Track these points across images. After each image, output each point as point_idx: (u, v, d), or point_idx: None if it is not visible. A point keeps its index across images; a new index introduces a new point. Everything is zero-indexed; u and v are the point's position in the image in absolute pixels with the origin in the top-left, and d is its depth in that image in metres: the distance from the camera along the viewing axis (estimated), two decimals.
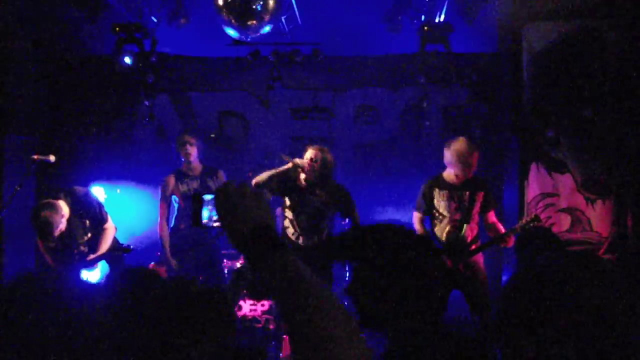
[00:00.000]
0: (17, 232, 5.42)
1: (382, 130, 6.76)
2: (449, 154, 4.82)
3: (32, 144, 5.92)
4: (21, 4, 5.64)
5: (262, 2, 5.43)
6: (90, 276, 4.76)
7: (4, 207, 4.44)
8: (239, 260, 5.92)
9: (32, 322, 1.11)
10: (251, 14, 5.46)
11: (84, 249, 4.75)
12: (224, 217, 1.23)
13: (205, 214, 1.35)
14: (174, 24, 6.37)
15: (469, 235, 4.88)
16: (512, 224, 4.90)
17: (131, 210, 6.13)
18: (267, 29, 5.70)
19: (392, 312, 1.65)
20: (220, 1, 5.53)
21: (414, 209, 5.10)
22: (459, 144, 4.79)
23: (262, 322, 5.36)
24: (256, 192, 1.26)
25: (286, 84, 6.67)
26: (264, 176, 4.66)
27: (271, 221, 1.22)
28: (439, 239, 4.89)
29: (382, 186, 6.52)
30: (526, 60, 5.65)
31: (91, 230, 4.80)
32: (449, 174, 4.93)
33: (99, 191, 5.97)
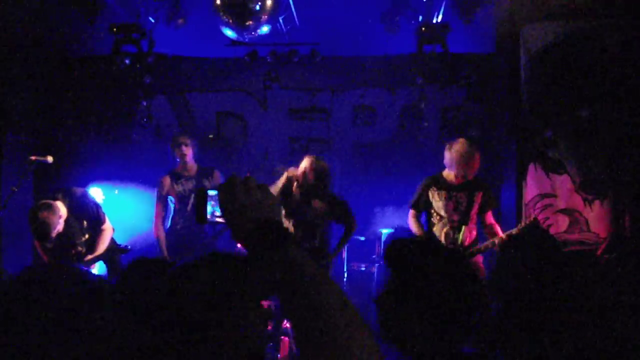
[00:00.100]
0: (15, 233, 5.41)
1: (380, 130, 6.75)
2: (450, 156, 4.81)
3: (29, 145, 5.91)
4: (20, 4, 5.64)
5: (259, 3, 5.43)
6: None
7: (2, 207, 4.43)
8: None
9: (36, 317, 1.10)
10: (249, 14, 5.46)
11: (82, 249, 4.74)
12: (229, 213, 1.19)
13: (209, 210, 1.31)
14: (172, 25, 6.37)
15: (468, 236, 4.87)
16: (510, 225, 4.90)
17: (129, 210, 6.12)
18: (265, 29, 5.70)
19: (416, 333, 1.60)
20: (218, 1, 5.53)
21: (409, 205, 5.11)
22: (460, 146, 4.77)
23: None
24: (261, 186, 1.22)
25: (284, 84, 6.67)
26: None
27: (277, 216, 1.19)
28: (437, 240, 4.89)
29: (380, 186, 6.51)
30: (524, 60, 5.66)
31: (89, 231, 4.79)
32: (449, 174, 4.92)
33: (96, 192, 5.96)
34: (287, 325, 4.52)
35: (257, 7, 5.44)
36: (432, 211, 4.96)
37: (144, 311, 1.23)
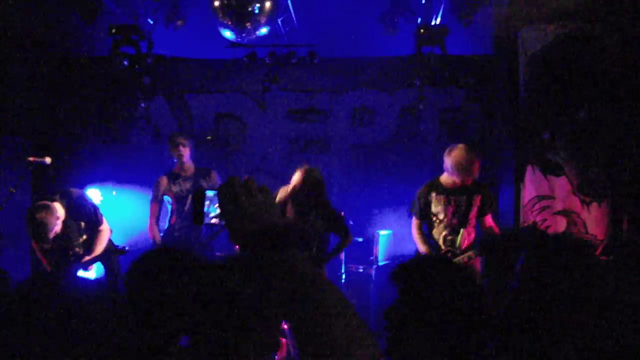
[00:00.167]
0: (13, 234, 5.41)
1: (379, 132, 6.75)
2: (449, 161, 4.77)
3: (27, 146, 5.92)
4: (18, 5, 5.64)
5: (258, 4, 5.44)
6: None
7: (0, 208, 4.43)
8: None
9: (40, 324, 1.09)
10: (248, 16, 5.46)
11: (79, 250, 4.75)
12: (228, 214, 1.15)
13: (207, 211, 1.26)
14: (171, 26, 6.37)
15: (466, 239, 4.86)
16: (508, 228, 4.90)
17: (127, 212, 6.12)
18: (264, 31, 5.71)
19: (424, 352, 1.57)
20: (216, 3, 5.53)
21: (409, 215, 5.07)
22: (459, 152, 4.71)
23: None
24: (262, 187, 1.18)
25: (283, 85, 6.68)
26: None
27: (278, 218, 1.16)
28: (436, 242, 4.88)
29: (378, 188, 6.52)
30: (522, 62, 5.66)
31: (86, 232, 4.79)
32: (447, 178, 4.90)
33: (94, 193, 5.96)
34: (285, 326, 4.51)
35: (256, 9, 5.44)
36: (431, 215, 4.96)
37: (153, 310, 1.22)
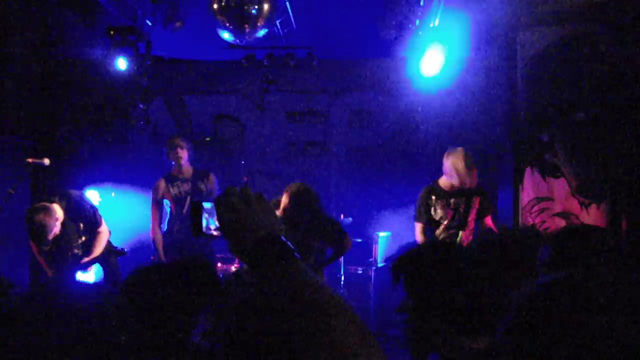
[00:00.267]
0: (12, 235, 5.40)
1: (377, 134, 6.77)
2: (448, 165, 4.80)
3: (26, 147, 5.91)
4: (17, 6, 5.64)
5: (257, 6, 5.44)
6: (84, 279, 4.76)
7: None
8: (234, 263, 5.92)
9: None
10: (246, 17, 5.46)
11: (78, 252, 4.75)
12: (227, 226, 1.14)
13: (205, 223, 1.25)
14: (169, 28, 6.36)
15: (465, 241, 4.88)
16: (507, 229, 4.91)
17: (126, 213, 6.11)
18: (262, 32, 5.71)
19: (449, 332, 1.57)
20: (215, 5, 5.53)
21: (414, 219, 5.03)
22: (458, 159, 4.71)
23: None
24: (259, 196, 1.16)
25: (281, 87, 6.69)
26: None
27: (277, 227, 1.14)
28: None
29: (377, 189, 6.53)
30: (521, 64, 5.67)
31: (85, 233, 4.79)
32: (446, 181, 4.91)
33: (93, 194, 5.96)
34: None
35: (255, 11, 5.44)
36: (431, 218, 4.97)
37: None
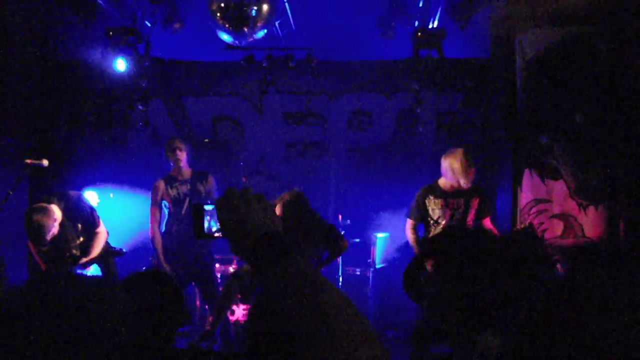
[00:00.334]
0: (10, 236, 5.40)
1: (376, 135, 6.77)
2: (446, 165, 4.82)
3: (25, 148, 5.91)
4: (17, 7, 5.64)
5: (256, 7, 5.44)
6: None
7: None
8: (232, 264, 5.92)
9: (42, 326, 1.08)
10: (245, 19, 5.47)
11: (76, 252, 4.74)
12: (228, 227, 1.16)
13: (206, 225, 1.28)
14: (168, 29, 6.37)
15: None
16: (506, 230, 4.91)
17: (124, 214, 6.11)
18: (261, 34, 5.71)
19: (468, 325, 1.56)
20: (214, 6, 5.54)
21: (406, 215, 5.09)
22: (456, 159, 4.74)
23: None
24: (259, 196, 1.18)
25: (280, 89, 6.69)
26: None
27: (277, 227, 1.16)
28: None
29: (376, 191, 6.53)
30: (519, 66, 5.68)
31: (83, 234, 4.79)
32: (445, 181, 4.93)
33: (92, 195, 5.95)
34: None
35: (254, 12, 5.45)
36: (429, 218, 4.98)
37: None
